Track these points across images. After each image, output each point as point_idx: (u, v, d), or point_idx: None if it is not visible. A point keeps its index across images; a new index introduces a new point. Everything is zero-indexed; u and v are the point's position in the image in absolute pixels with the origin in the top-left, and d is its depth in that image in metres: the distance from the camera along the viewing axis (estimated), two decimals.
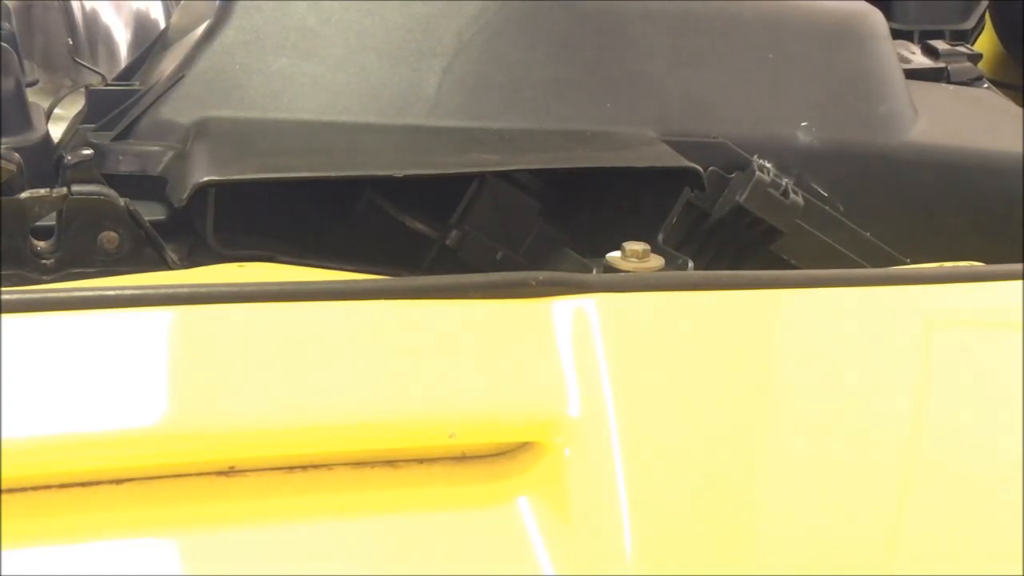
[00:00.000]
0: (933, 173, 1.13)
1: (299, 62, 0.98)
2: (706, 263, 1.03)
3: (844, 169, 1.10)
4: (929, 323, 0.71)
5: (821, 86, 1.11)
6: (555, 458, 0.60)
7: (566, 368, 0.61)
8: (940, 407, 0.67)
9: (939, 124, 1.18)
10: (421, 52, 1.00)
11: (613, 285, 0.65)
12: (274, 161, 0.92)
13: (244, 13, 0.99)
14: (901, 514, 0.64)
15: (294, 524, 0.58)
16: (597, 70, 1.04)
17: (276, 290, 0.61)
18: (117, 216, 0.86)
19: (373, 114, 0.98)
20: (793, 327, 0.69)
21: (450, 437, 0.60)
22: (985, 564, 0.63)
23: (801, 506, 0.62)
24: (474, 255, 0.98)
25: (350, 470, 0.60)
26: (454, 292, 0.63)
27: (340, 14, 1.00)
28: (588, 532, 0.58)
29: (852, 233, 1.10)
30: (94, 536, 0.55)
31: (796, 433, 0.64)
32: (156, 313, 0.59)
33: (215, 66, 0.97)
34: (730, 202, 1.00)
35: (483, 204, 0.98)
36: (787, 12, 1.12)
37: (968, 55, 1.46)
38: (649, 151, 1.00)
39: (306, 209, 0.98)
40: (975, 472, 0.66)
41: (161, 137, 0.96)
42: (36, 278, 0.85)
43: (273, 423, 0.57)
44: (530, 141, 0.99)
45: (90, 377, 0.56)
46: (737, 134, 1.06)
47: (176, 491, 0.57)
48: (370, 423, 0.59)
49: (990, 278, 0.74)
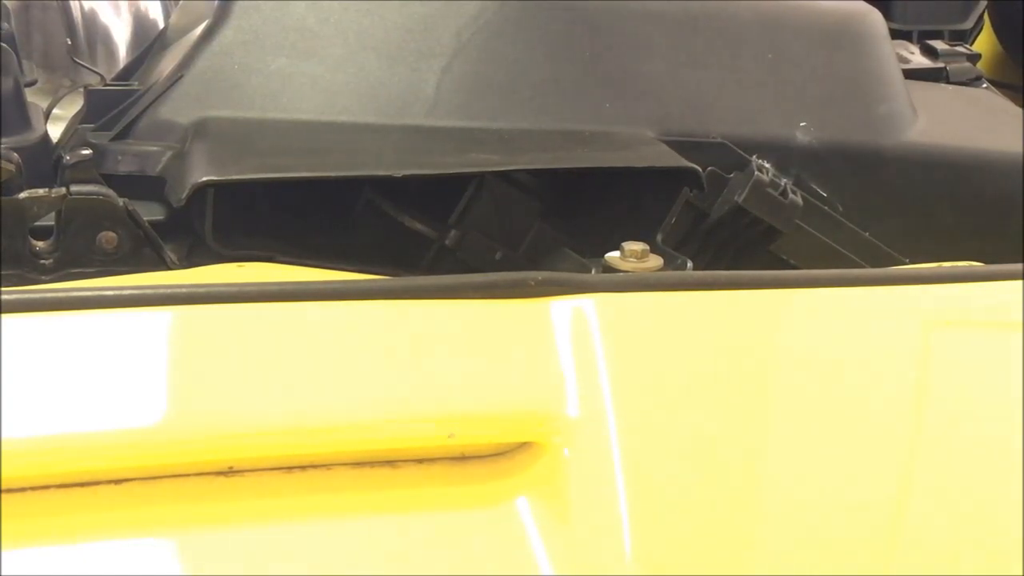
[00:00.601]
0: (932, 173, 1.13)
1: (298, 62, 0.98)
2: (705, 263, 1.03)
3: (843, 169, 1.10)
4: (928, 323, 0.71)
5: (820, 86, 1.11)
6: (554, 458, 0.60)
7: (565, 368, 0.61)
8: (939, 407, 0.67)
9: (938, 124, 1.18)
10: (420, 52, 1.00)
11: (612, 285, 0.65)
12: (273, 161, 0.92)
13: (243, 13, 0.98)
14: (901, 514, 0.64)
15: (293, 524, 0.58)
16: (596, 70, 1.03)
17: (275, 290, 0.61)
18: (116, 216, 0.86)
19: (372, 114, 0.98)
20: (792, 327, 0.69)
21: (449, 437, 0.60)
22: (985, 564, 0.63)
23: (801, 506, 0.62)
24: (473, 255, 0.98)
25: (349, 470, 0.60)
26: (453, 292, 0.63)
27: (339, 14, 1.00)
28: (587, 532, 0.58)
29: (851, 233, 1.10)
30: (93, 536, 0.55)
31: (795, 433, 0.64)
32: (155, 313, 0.59)
33: (214, 66, 0.97)
34: (729, 202, 1.00)
35: (482, 204, 0.97)
36: (786, 12, 1.12)
37: (967, 55, 1.46)
38: (648, 151, 0.99)
39: (305, 209, 0.98)
40: (975, 472, 0.66)
41: (160, 137, 0.96)
42: (35, 278, 0.85)
43: (272, 423, 0.57)
44: (529, 141, 0.99)
45: (89, 377, 0.56)
46: (736, 134, 1.06)
47: (175, 491, 0.57)
48: (369, 423, 0.59)
49: (989, 278, 0.75)
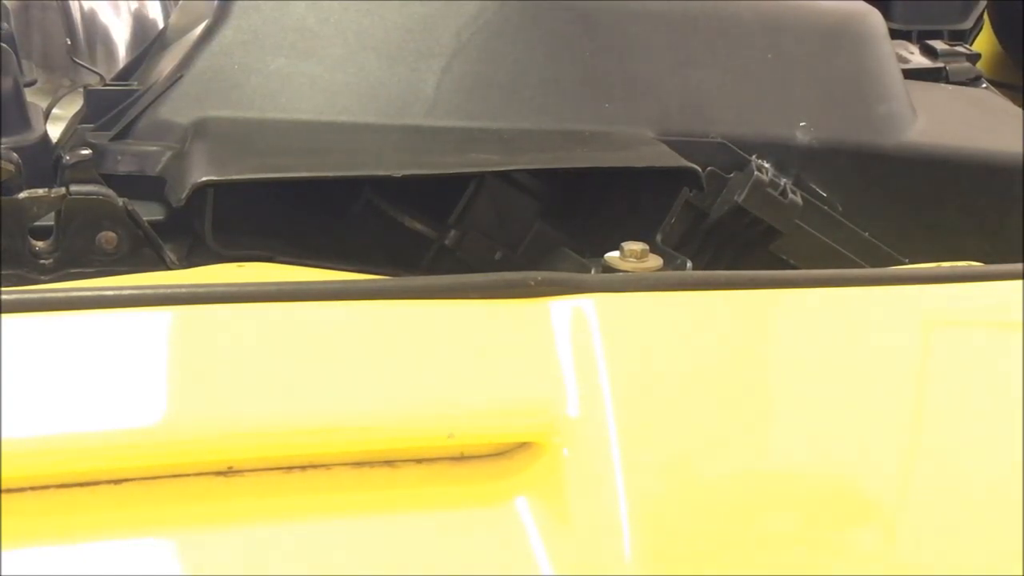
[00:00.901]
0: (931, 173, 1.13)
1: (297, 62, 0.98)
2: (705, 263, 1.03)
3: (843, 169, 1.10)
4: (927, 323, 0.71)
5: (820, 86, 1.11)
6: (553, 458, 0.60)
7: (564, 368, 0.61)
8: (938, 406, 0.67)
9: (937, 124, 1.18)
10: (420, 52, 1.00)
11: (612, 285, 0.65)
12: (273, 161, 0.92)
13: (242, 13, 0.98)
14: (900, 514, 0.64)
15: (293, 524, 0.58)
16: (595, 70, 1.03)
17: (275, 290, 0.61)
18: (116, 216, 0.86)
19: (371, 114, 0.98)
20: (792, 327, 0.69)
21: (449, 437, 0.60)
22: (984, 563, 0.63)
23: (799, 506, 0.62)
24: (473, 255, 0.98)
25: (349, 470, 0.60)
26: (452, 292, 0.63)
27: (339, 14, 1.00)
28: (586, 532, 0.58)
29: (851, 233, 1.10)
30: (92, 537, 0.55)
31: (794, 433, 0.64)
32: (155, 313, 0.59)
33: (213, 66, 0.97)
34: (729, 202, 1.00)
35: (481, 204, 0.98)
36: (786, 12, 1.12)
37: (966, 55, 1.46)
38: (648, 151, 0.99)
39: (305, 209, 0.98)
40: (974, 471, 0.66)
41: (160, 137, 0.96)
42: (35, 278, 0.85)
43: (271, 423, 0.57)
44: (529, 141, 0.99)
45: (88, 377, 0.56)
46: (736, 134, 1.06)
47: (174, 491, 0.57)
48: (368, 423, 0.59)
49: (988, 278, 0.74)
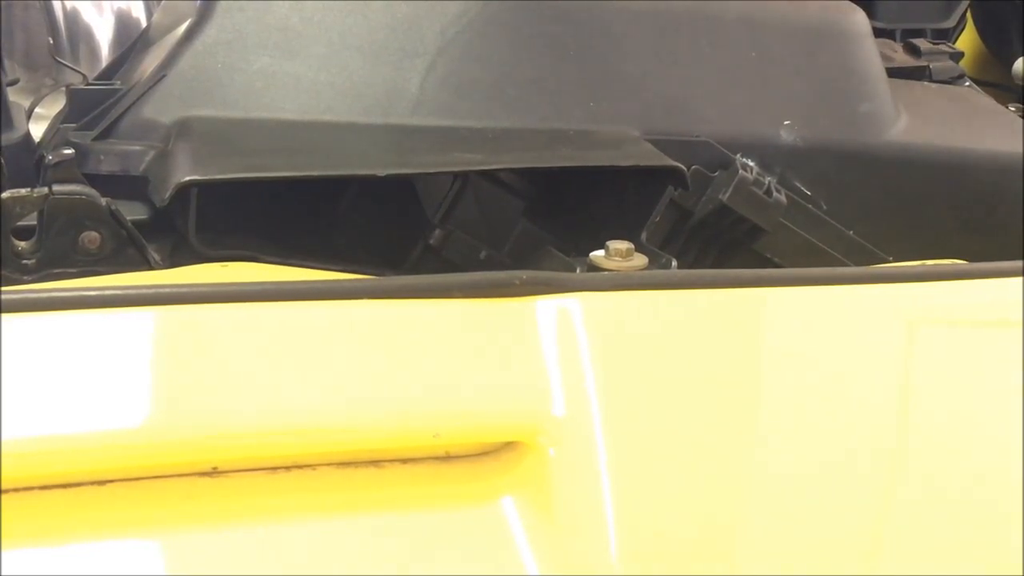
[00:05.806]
0: (915, 171, 1.14)
1: (281, 61, 0.98)
2: (690, 262, 1.03)
3: (827, 167, 1.10)
4: (912, 321, 0.71)
5: (804, 84, 1.11)
6: (539, 458, 0.60)
7: (550, 367, 0.61)
8: (924, 405, 0.67)
9: (921, 122, 1.19)
10: (404, 51, 1.00)
11: (597, 284, 0.65)
12: (257, 161, 0.92)
13: (226, 12, 0.98)
14: (889, 513, 0.64)
15: (278, 525, 0.58)
16: (580, 69, 1.03)
17: (259, 290, 0.60)
18: (99, 216, 0.86)
19: (356, 113, 0.98)
20: (777, 326, 0.69)
21: (434, 437, 0.60)
22: (978, 562, 0.63)
23: (787, 505, 0.62)
24: (457, 254, 0.98)
25: (334, 470, 0.60)
26: (437, 292, 0.63)
27: (322, 13, 0.99)
28: (573, 531, 0.58)
29: (835, 231, 1.10)
30: (76, 538, 0.55)
31: (781, 432, 0.65)
32: (138, 314, 0.59)
33: (197, 65, 0.97)
34: (713, 200, 1.01)
35: (466, 203, 0.98)
36: (769, 11, 1.12)
37: (950, 53, 1.47)
38: (632, 150, 1.00)
39: (289, 209, 0.98)
40: (961, 469, 0.66)
41: (143, 136, 0.96)
42: (17, 278, 0.85)
43: (256, 423, 0.57)
44: (513, 140, 0.99)
45: (71, 378, 0.55)
46: (720, 133, 1.06)
47: (159, 492, 0.57)
48: (354, 423, 0.59)
49: (973, 276, 0.75)
